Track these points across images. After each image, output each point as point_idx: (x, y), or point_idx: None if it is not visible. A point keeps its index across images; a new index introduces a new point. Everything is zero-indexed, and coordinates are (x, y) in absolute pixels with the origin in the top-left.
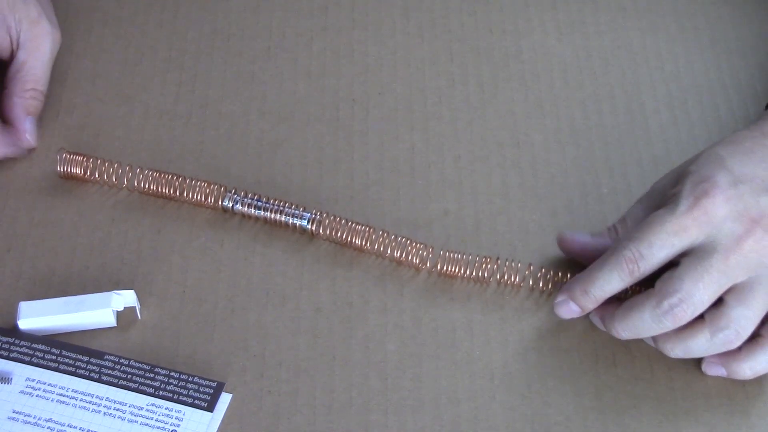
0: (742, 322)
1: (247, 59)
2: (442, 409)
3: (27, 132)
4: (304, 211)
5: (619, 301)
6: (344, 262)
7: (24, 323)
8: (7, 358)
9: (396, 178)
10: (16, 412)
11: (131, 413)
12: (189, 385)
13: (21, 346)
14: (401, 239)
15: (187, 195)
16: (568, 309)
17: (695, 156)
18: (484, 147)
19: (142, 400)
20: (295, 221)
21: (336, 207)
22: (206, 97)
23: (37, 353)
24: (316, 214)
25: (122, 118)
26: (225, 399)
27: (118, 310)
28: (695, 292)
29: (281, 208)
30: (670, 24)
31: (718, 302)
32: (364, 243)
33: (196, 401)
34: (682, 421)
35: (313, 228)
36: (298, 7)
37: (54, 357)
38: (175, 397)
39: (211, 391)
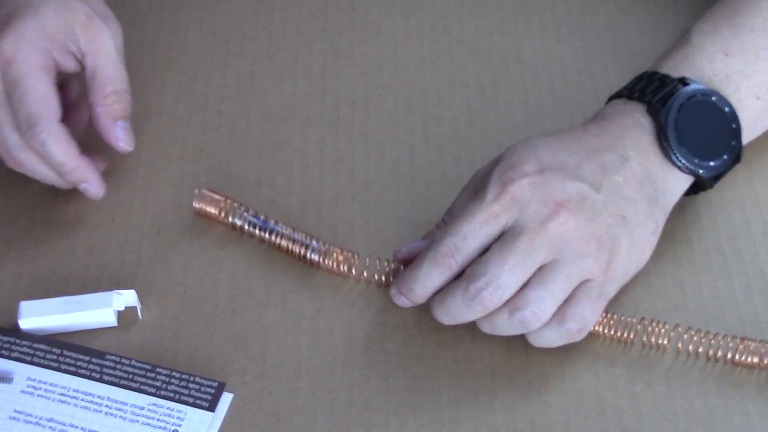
0: (539, 303)
1: (247, 60)
2: (442, 409)
3: (119, 139)
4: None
5: None
6: None
7: (25, 323)
8: (8, 357)
9: (396, 179)
10: (18, 412)
11: (132, 413)
12: (190, 385)
13: (22, 346)
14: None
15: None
16: (402, 302)
17: (514, 144)
18: (484, 148)
19: (143, 399)
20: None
21: (336, 207)
22: (206, 97)
23: (38, 353)
24: None
25: None
26: (226, 399)
27: (119, 309)
28: (500, 275)
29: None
30: (669, 24)
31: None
32: None
33: (198, 401)
34: (681, 422)
35: None
36: (298, 8)
37: (55, 357)
38: (177, 396)
39: (213, 390)
